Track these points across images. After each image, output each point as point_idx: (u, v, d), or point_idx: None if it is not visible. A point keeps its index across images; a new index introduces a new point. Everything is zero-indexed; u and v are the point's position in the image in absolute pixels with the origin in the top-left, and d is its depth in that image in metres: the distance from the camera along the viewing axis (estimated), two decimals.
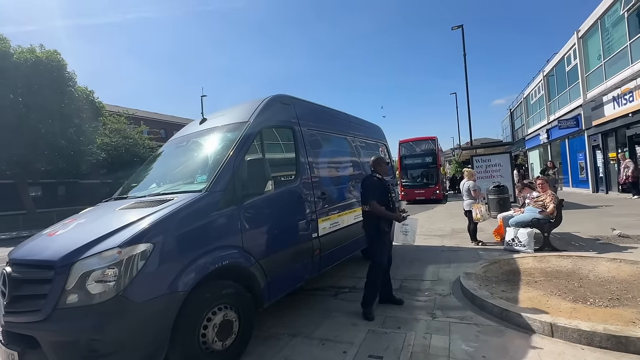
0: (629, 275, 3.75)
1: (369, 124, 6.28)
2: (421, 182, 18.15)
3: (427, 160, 18.42)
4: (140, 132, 25.05)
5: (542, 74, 20.37)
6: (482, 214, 6.03)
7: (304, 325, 3.21)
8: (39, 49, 17.06)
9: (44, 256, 2.24)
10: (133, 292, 2.02)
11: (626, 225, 6.46)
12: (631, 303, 3.04)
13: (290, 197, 3.42)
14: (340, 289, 4.28)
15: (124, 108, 27.53)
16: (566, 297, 3.29)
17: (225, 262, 2.55)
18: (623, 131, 12.24)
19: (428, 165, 18.27)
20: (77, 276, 2.00)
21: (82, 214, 3.11)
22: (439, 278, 4.39)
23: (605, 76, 13.02)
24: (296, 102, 4.03)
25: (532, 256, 4.84)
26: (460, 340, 2.69)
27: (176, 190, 2.95)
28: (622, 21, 11.69)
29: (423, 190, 17.75)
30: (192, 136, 3.90)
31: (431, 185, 17.74)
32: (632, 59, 11.23)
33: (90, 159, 19.47)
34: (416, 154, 18.89)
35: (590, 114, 14.22)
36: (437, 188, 17.64)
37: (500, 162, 11.64)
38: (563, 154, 18.36)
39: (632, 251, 4.81)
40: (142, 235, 2.15)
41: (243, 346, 2.64)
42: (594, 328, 2.48)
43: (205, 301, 2.37)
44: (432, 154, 18.45)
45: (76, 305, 1.98)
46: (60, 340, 2.00)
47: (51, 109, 16.40)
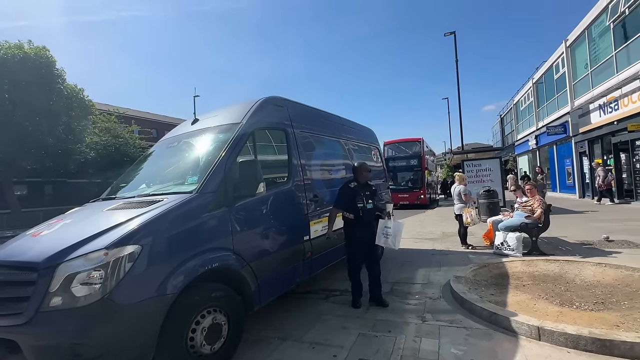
0: (613, 280, 3.84)
1: (362, 127, 6.31)
2: (405, 186, 17.18)
3: (412, 163, 17.48)
4: (131, 131, 24.67)
5: (531, 81, 20.84)
6: (472, 218, 6.10)
7: (295, 329, 3.19)
8: (28, 45, 16.70)
9: (27, 257, 2.18)
10: (120, 295, 1.98)
11: (611, 230, 6.61)
12: (615, 307, 3.10)
13: (282, 199, 3.41)
14: (332, 292, 4.27)
15: (115, 107, 27.10)
16: (553, 300, 3.34)
17: (215, 264, 2.52)
18: (608, 138, 12.57)
19: (413, 169, 17.33)
20: (62, 278, 1.95)
21: (68, 214, 3.04)
22: (430, 281, 4.42)
23: (592, 85, 13.38)
24: (289, 104, 4.03)
25: (520, 260, 4.92)
26: (450, 344, 2.71)
27: (166, 191, 2.91)
28: (608, 32, 12.05)
29: (407, 195, 16.66)
30: (184, 136, 3.86)
31: (415, 190, 16.71)
32: (618, 69, 11.56)
33: (78, 157, 19.09)
34: (400, 156, 17.96)
35: (577, 121, 14.59)
36: (421, 192, 16.63)
37: (491, 167, 11.83)
38: (551, 159, 18.78)
39: (616, 256, 4.92)
40: (130, 236, 2.11)
41: (232, 350, 2.61)
42: (580, 332, 2.52)
43: (194, 304, 2.33)
44: (417, 156, 17.47)
45: (60, 308, 1.92)
46: (42, 344, 1.94)
47: (39, 106, 16.04)
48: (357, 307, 3.62)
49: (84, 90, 19.58)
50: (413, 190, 16.73)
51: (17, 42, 16.45)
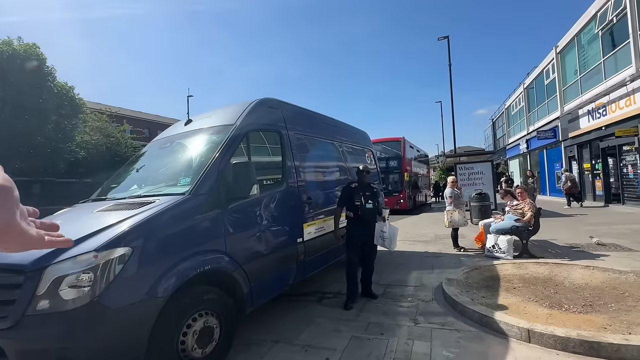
0: (601, 282, 3.91)
1: (356, 130, 6.33)
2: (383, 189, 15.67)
3: (391, 165, 15.95)
4: (123, 131, 24.34)
5: (522, 86, 21.20)
6: (451, 220, 6.17)
7: (287, 331, 3.17)
8: (17, 41, 16.37)
9: (14, 259, 2.12)
10: (109, 298, 1.95)
11: (600, 234, 6.74)
12: (603, 309, 3.16)
13: (276, 201, 3.40)
14: (325, 294, 4.27)
15: (107, 105, 26.72)
16: (543, 303, 3.39)
17: (208, 266, 2.49)
18: (597, 143, 12.85)
19: (392, 171, 15.81)
20: (49, 281, 1.91)
21: (57, 215, 2.99)
22: (422, 284, 4.45)
23: (581, 90, 13.67)
24: (284, 106, 4.02)
25: (511, 263, 4.98)
26: (442, 347, 2.72)
27: (158, 192, 2.87)
28: (597, 39, 12.33)
29: (385, 199, 15.01)
30: (177, 137, 3.82)
31: (395, 194, 15.28)
32: (606, 75, 11.84)
33: (68, 157, 18.72)
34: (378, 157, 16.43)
35: (567, 126, 14.87)
36: (401, 197, 15.30)
37: (483, 170, 11.96)
38: (541, 163, 19.09)
39: (604, 259, 5.02)
40: (120, 238, 2.08)
41: (224, 353, 2.58)
42: (569, 334, 2.56)
43: (185, 307, 2.31)
44: (396, 157, 16.01)
45: (47, 311, 1.88)
46: (28, 349, 1.90)
47: (28, 105, 15.73)
48: (350, 309, 3.65)
49: (74, 89, 19.27)
50: (392, 194, 15.26)
51: (7, 38, 16.13)
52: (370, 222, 3.95)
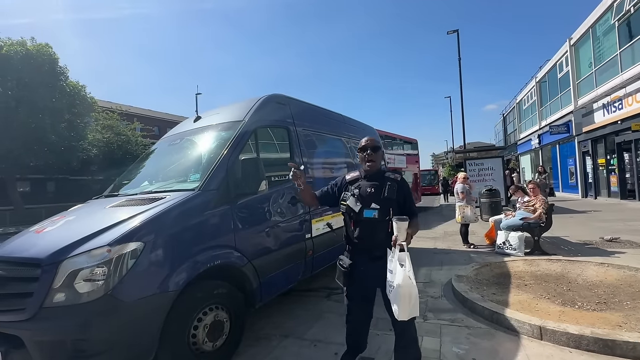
0: (616, 280, 3.82)
1: (364, 126, 6.30)
2: None
3: None
4: (133, 129, 24.72)
5: (534, 80, 20.70)
6: (463, 216, 6.09)
7: (296, 326, 3.20)
8: (30, 42, 16.72)
9: (31, 254, 2.19)
10: (122, 292, 1.99)
11: (614, 230, 6.59)
12: (618, 307, 3.09)
13: (284, 197, 3.41)
14: (333, 290, 4.27)
15: (117, 104, 27.14)
16: (555, 300, 3.33)
17: (218, 261, 2.52)
18: (612, 138, 12.50)
19: None
20: (65, 274, 1.96)
21: (71, 211, 3.05)
22: (431, 280, 4.42)
23: (596, 84, 13.28)
24: (292, 102, 4.02)
25: (522, 259, 4.90)
26: (451, 343, 2.71)
27: (169, 188, 2.92)
28: (613, 30, 11.94)
29: None
30: (186, 134, 3.86)
31: None
32: (622, 68, 11.47)
33: (81, 155, 19.13)
34: None
35: (580, 121, 14.48)
36: None
37: (493, 166, 11.77)
38: (554, 159, 18.68)
39: (619, 256, 4.90)
40: (132, 233, 2.12)
41: (234, 347, 2.62)
42: (582, 331, 2.51)
43: (196, 301, 2.34)
44: None
45: (63, 304, 1.93)
46: (46, 340, 1.95)
47: (42, 104, 16.09)
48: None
49: (86, 88, 19.62)
50: None
51: (20, 39, 16.49)
52: (370, 248, 2.26)
